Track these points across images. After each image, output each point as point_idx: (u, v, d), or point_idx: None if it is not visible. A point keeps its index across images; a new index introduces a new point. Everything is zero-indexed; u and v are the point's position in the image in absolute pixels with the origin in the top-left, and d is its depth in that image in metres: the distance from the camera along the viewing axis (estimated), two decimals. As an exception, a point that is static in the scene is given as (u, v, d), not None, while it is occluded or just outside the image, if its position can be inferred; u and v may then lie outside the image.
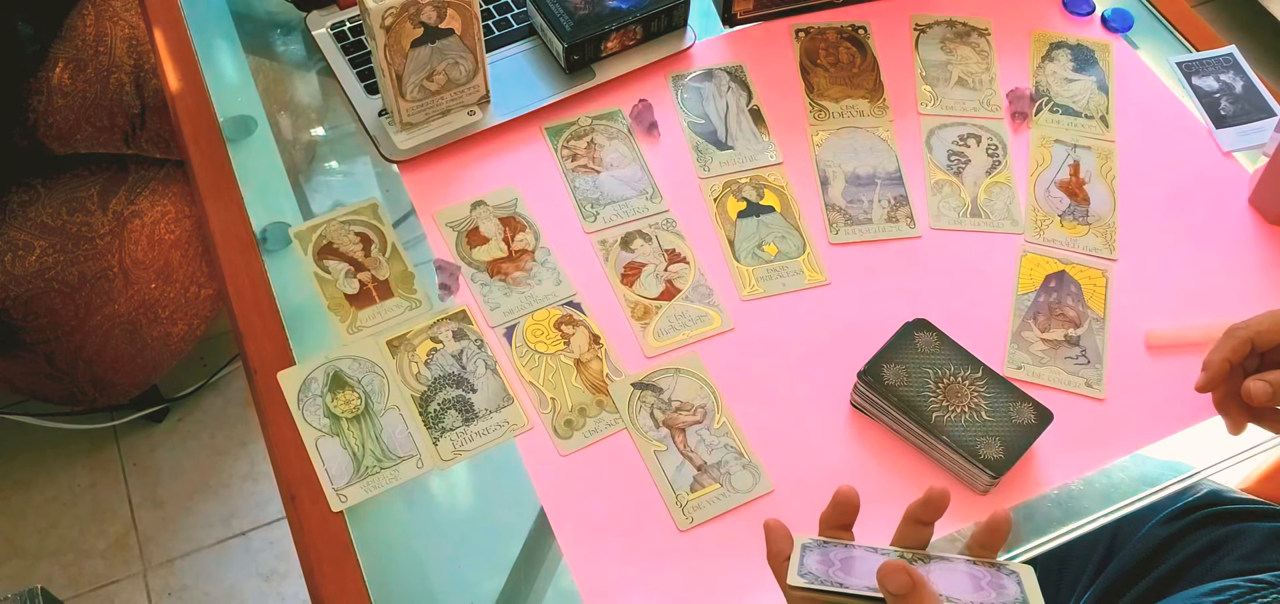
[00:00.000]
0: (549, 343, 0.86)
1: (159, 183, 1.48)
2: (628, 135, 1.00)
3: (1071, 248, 0.94)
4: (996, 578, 0.59)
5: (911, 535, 0.63)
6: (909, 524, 0.62)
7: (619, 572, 0.75)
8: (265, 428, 0.82)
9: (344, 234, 0.91)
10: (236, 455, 1.74)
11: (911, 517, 0.62)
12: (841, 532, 0.63)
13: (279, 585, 1.62)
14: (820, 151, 1.00)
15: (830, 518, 0.63)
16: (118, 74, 1.38)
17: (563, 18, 1.00)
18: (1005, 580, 0.59)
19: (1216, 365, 0.75)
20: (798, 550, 0.60)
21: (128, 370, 1.54)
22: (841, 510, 0.63)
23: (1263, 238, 0.95)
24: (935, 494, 0.61)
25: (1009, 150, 1.00)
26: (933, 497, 0.61)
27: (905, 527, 0.63)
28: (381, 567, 0.75)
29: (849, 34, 1.09)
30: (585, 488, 0.79)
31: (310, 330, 0.86)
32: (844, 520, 0.63)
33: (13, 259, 1.37)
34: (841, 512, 0.63)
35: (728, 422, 0.83)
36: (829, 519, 0.64)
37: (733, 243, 0.93)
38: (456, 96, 0.97)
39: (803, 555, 0.60)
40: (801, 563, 0.59)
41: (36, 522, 1.66)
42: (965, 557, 0.61)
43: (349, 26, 1.05)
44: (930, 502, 0.61)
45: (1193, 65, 1.08)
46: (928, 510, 0.61)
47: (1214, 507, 0.84)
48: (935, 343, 0.84)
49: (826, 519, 0.64)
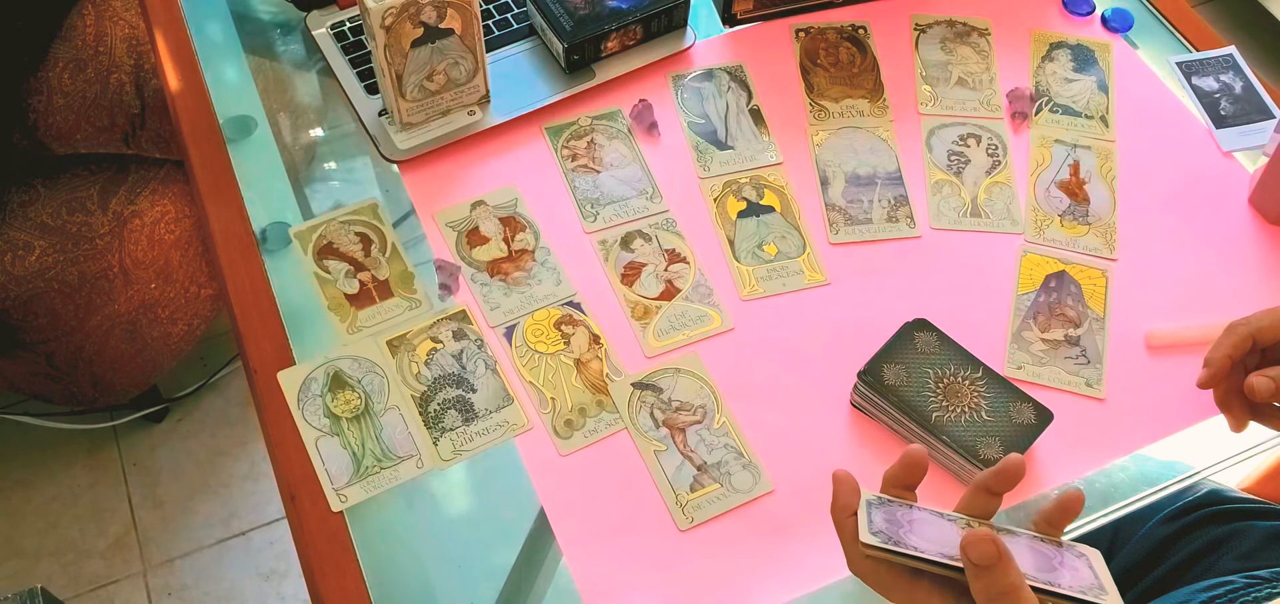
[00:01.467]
0: (549, 343, 0.86)
1: (159, 183, 1.48)
2: (628, 135, 1.00)
3: (1071, 248, 0.94)
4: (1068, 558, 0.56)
5: (979, 505, 0.59)
6: (977, 494, 0.59)
7: (619, 572, 0.75)
8: (265, 428, 0.82)
9: (344, 234, 0.91)
10: (236, 455, 1.74)
11: (982, 487, 0.59)
12: (907, 493, 0.59)
13: (279, 585, 1.62)
14: (820, 151, 1.00)
15: (897, 476, 0.59)
16: (118, 74, 1.38)
17: (563, 18, 1.00)
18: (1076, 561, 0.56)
19: (1218, 362, 0.75)
20: (864, 508, 0.57)
21: (128, 370, 1.54)
22: (910, 470, 0.59)
23: (1263, 238, 0.95)
24: (1013, 464, 0.57)
25: (1009, 150, 1.00)
26: (1010, 465, 0.57)
27: (973, 496, 0.59)
28: (381, 567, 0.75)
29: (849, 34, 1.09)
30: (585, 488, 0.79)
31: (310, 330, 0.86)
32: (911, 480, 0.59)
33: (13, 259, 1.37)
34: (909, 471, 0.59)
35: (728, 422, 0.83)
36: (895, 477, 0.59)
37: (733, 243, 0.93)
38: (456, 96, 0.97)
39: (870, 513, 0.56)
40: (871, 521, 0.56)
41: (36, 522, 1.66)
42: (1030, 533, 0.58)
43: (349, 26, 1.05)
44: (1006, 471, 0.57)
45: (1193, 65, 1.08)
46: (1000, 481, 0.58)
47: (1214, 506, 0.84)
48: (935, 343, 0.84)
49: (893, 477, 0.59)
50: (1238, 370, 0.76)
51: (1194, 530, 0.84)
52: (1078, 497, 0.58)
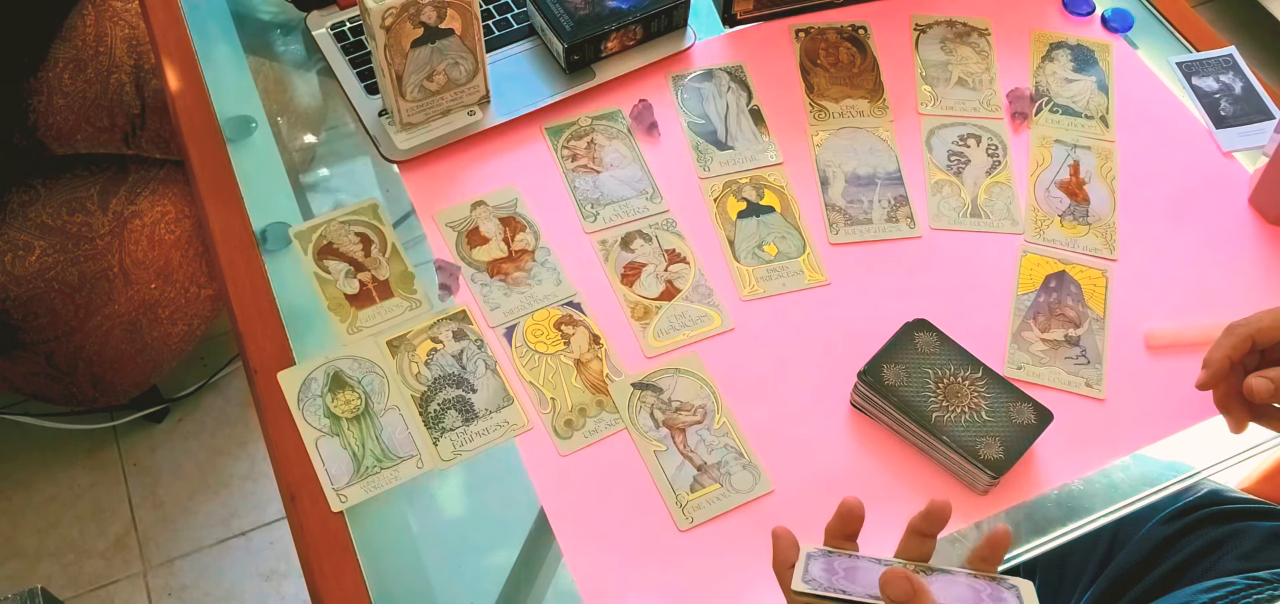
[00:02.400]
0: (549, 343, 0.86)
1: (159, 183, 1.48)
2: (628, 135, 1.00)
3: (1071, 248, 0.94)
4: (997, 591, 0.59)
5: (915, 548, 0.63)
6: (912, 537, 0.63)
7: (619, 572, 0.75)
8: (265, 428, 0.82)
9: (344, 234, 0.91)
10: (236, 455, 1.74)
11: (914, 529, 0.62)
12: (846, 542, 0.63)
13: (279, 585, 1.62)
14: (820, 151, 1.00)
15: (835, 528, 0.64)
16: (118, 74, 1.38)
17: (563, 18, 1.00)
18: (1005, 594, 0.59)
19: (1217, 362, 0.75)
20: (803, 559, 0.61)
21: (128, 370, 1.54)
22: (846, 521, 0.63)
23: (1263, 238, 0.95)
24: (936, 507, 0.61)
25: (1009, 150, 1.00)
26: (934, 509, 0.61)
27: (908, 539, 0.63)
28: (381, 567, 0.75)
29: (849, 34, 1.09)
30: (585, 488, 0.79)
31: (310, 330, 0.86)
32: (848, 530, 0.63)
33: (13, 259, 1.37)
34: (846, 522, 0.63)
35: (728, 422, 0.83)
36: (834, 529, 0.64)
37: (733, 243, 0.93)
38: (456, 96, 0.97)
39: (808, 564, 0.60)
40: (806, 570, 0.60)
41: (36, 522, 1.66)
42: (966, 570, 0.62)
43: (349, 26, 1.05)
44: (931, 514, 0.61)
45: (1193, 65, 1.08)
46: (929, 522, 0.62)
47: (1214, 506, 0.85)
48: (935, 343, 0.84)
49: (832, 529, 0.64)
50: (1237, 371, 0.76)
51: (1194, 530, 0.84)
52: (1005, 533, 0.61)
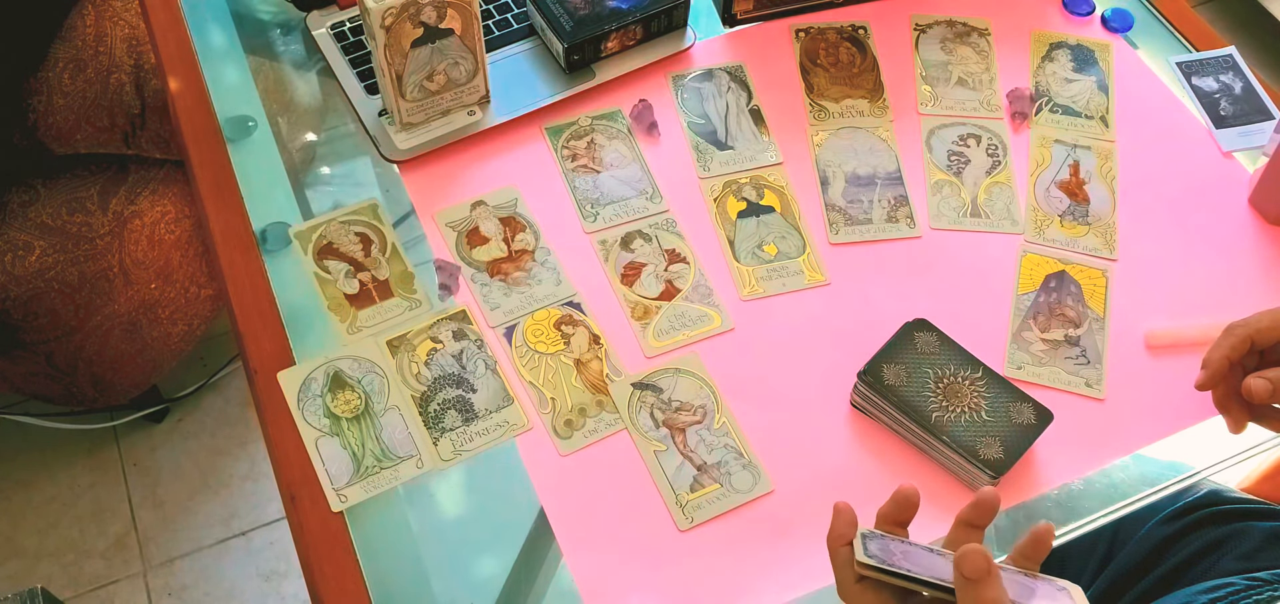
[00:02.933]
0: (549, 343, 0.86)
1: (159, 183, 1.48)
2: (628, 135, 1.00)
3: (1071, 248, 0.94)
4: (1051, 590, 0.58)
5: (963, 539, 0.62)
6: (960, 528, 0.62)
7: (619, 572, 0.75)
8: (265, 428, 0.82)
9: (344, 234, 0.91)
10: (236, 455, 1.74)
11: (962, 521, 0.62)
12: (898, 529, 0.63)
13: (279, 585, 1.62)
14: (820, 151, 1.00)
15: (889, 514, 0.63)
16: (118, 74, 1.38)
17: (563, 18, 1.00)
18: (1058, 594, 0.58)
19: (1216, 363, 0.75)
20: (860, 538, 0.60)
21: (128, 370, 1.54)
22: (901, 507, 0.62)
23: (1263, 238, 0.95)
24: (987, 496, 0.60)
25: (1009, 150, 1.00)
26: (984, 499, 0.60)
27: (956, 530, 0.62)
28: (381, 567, 0.75)
29: (849, 34, 1.09)
30: (585, 488, 0.79)
31: (310, 330, 0.86)
32: (903, 517, 0.63)
33: (13, 259, 1.37)
34: (901, 508, 0.62)
35: (728, 422, 0.83)
36: (888, 515, 0.63)
37: (733, 243, 0.93)
38: (456, 96, 0.97)
39: (865, 541, 0.60)
40: (866, 547, 0.59)
41: (36, 522, 1.66)
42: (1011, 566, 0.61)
43: (349, 26, 1.05)
44: (981, 504, 0.60)
45: (1193, 65, 1.08)
46: (979, 513, 0.61)
47: (1214, 506, 0.84)
48: (935, 343, 0.84)
49: (885, 515, 0.63)
50: (1236, 372, 0.76)
51: (1194, 531, 0.84)
52: (1047, 529, 0.60)
